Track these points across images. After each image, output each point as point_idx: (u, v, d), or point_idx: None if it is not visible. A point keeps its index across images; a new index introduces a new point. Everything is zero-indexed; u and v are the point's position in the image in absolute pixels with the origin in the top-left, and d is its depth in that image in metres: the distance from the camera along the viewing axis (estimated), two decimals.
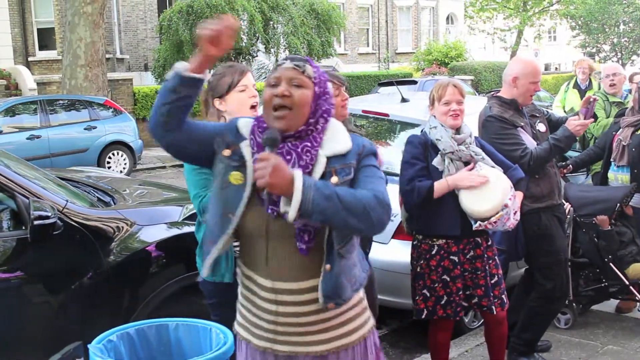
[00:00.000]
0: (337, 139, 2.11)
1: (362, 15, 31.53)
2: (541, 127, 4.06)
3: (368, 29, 31.84)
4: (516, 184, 3.53)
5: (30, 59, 20.72)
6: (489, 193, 3.34)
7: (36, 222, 3.07)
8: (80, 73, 14.49)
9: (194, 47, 18.95)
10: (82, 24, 14.32)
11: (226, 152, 2.07)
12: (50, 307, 3.30)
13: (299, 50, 19.95)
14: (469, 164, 3.46)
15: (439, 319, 3.54)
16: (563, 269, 4.07)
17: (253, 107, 2.99)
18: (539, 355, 4.14)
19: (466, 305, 3.54)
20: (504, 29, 33.94)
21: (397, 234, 4.45)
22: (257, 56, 20.91)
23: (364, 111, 5.48)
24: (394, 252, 4.45)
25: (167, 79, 2.04)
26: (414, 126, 4.96)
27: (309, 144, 2.05)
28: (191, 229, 3.33)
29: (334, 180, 2.01)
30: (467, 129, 3.53)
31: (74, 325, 3.24)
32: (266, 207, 2.00)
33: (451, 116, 3.47)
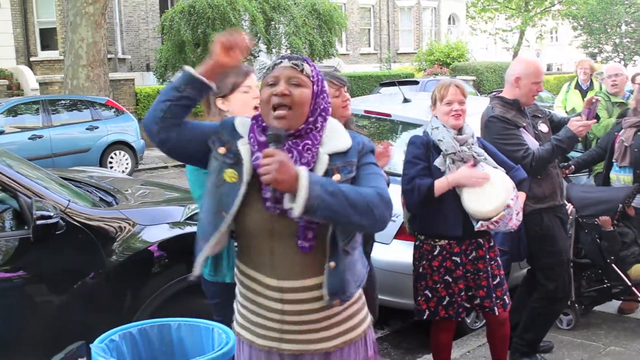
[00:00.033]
0: (337, 137, 2.11)
1: (364, 15, 31.52)
2: (543, 128, 4.06)
3: (370, 29, 31.83)
4: (518, 185, 3.53)
5: (32, 59, 20.74)
6: (491, 193, 3.33)
7: (39, 222, 3.07)
8: (82, 73, 14.52)
9: (195, 48, 19.04)
10: (84, 24, 14.35)
11: (221, 149, 2.06)
12: (53, 306, 3.30)
13: (301, 51, 19.94)
14: None
15: (441, 320, 3.54)
16: (565, 269, 4.07)
17: (256, 108, 2.99)
18: (541, 356, 4.14)
19: (468, 306, 3.54)
20: (506, 29, 33.89)
21: (399, 235, 4.46)
22: (258, 56, 20.89)
23: (366, 111, 5.48)
24: (396, 252, 4.45)
25: (173, 79, 2.06)
26: (415, 126, 4.96)
27: (309, 142, 2.04)
28: (193, 229, 3.33)
29: (337, 178, 2.01)
30: (469, 130, 3.53)
31: (77, 324, 3.24)
32: (271, 204, 1.99)
33: (453, 116, 3.46)
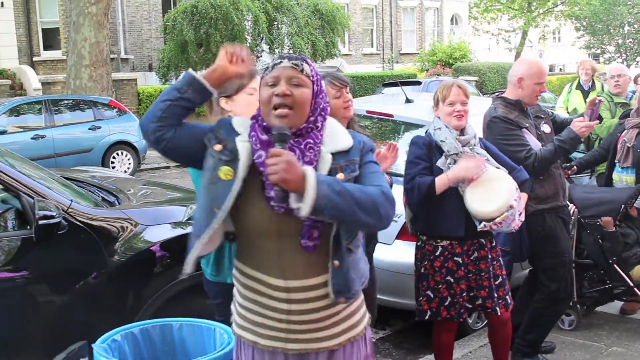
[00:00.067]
0: (337, 136, 2.11)
1: (366, 15, 31.52)
2: (546, 129, 4.05)
3: (372, 30, 31.83)
4: (521, 185, 3.52)
5: (34, 59, 20.77)
6: (494, 194, 3.32)
7: (41, 222, 3.08)
8: (85, 73, 14.53)
9: (198, 48, 19.06)
10: (87, 24, 14.37)
11: (217, 147, 2.05)
12: (55, 306, 3.30)
13: (303, 51, 19.95)
14: None
15: (442, 320, 3.53)
16: (567, 270, 4.06)
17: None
18: (543, 356, 4.13)
19: (470, 306, 3.54)
20: (509, 29, 33.88)
21: (401, 235, 4.46)
22: (261, 56, 20.91)
23: (368, 112, 5.48)
24: (398, 252, 4.45)
25: (176, 82, 2.09)
26: (418, 127, 4.96)
27: (311, 141, 2.04)
28: None
29: (340, 176, 2.01)
30: (471, 130, 3.53)
31: (79, 324, 3.24)
32: (275, 203, 1.98)
33: (455, 117, 3.46)
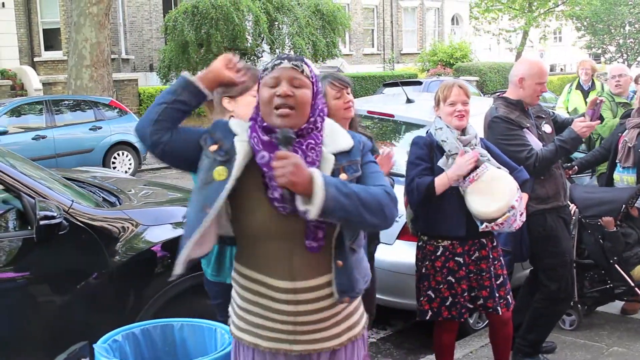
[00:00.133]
0: (337, 136, 2.12)
1: (367, 16, 31.53)
2: (547, 129, 4.05)
3: (373, 30, 31.84)
4: (521, 186, 3.52)
5: (35, 59, 20.80)
6: (495, 194, 3.32)
7: (42, 222, 3.08)
8: (86, 73, 14.54)
9: (199, 48, 19.06)
10: (88, 25, 14.37)
11: (212, 147, 2.04)
12: (56, 307, 3.30)
13: (304, 51, 19.95)
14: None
15: (443, 320, 3.53)
16: (568, 270, 4.06)
17: None
18: (543, 356, 4.13)
19: (471, 307, 3.53)
20: (509, 29, 33.85)
21: (402, 235, 4.45)
22: (262, 57, 20.91)
23: (369, 112, 5.48)
24: (399, 253, 4.45)
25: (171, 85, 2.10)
26: (419, 127, 4.96)
27: (312, 141, 2.04)
28: None
29: (343, 177, 2.02)
30: (472, 130, 3.52)
31: (80, 325, 3.24)
32: (280, 204, 1.98)
33: (456, 117, 3.46)
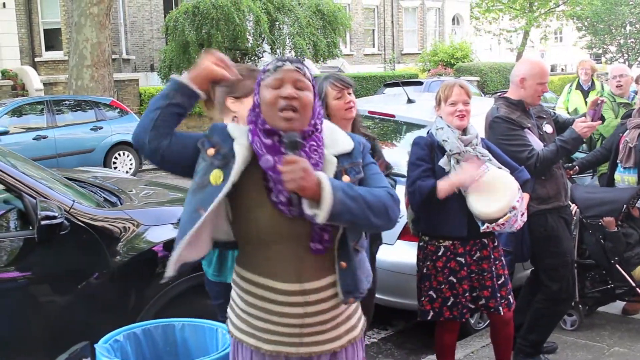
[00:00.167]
0: (337, 138, 2.11)
1: (368, 16, 31.53)
2: (548, 129, 4.05)
3: (374, 30, 31.83)
4: (522, 186, 3.52)
5: (36, 59, 20.81)
6: (496, 195, 3.32)
7: (43, 222, 3.08)
8: (87, 73, 14.55)
9: (200, 48, 19.05)
10: (89, 25, 14.38)
11: (210, 151, 2.04)
12: (57, 307, 3.30)
13: (305, 51, 19.95)
14: None
15: (445, 321, 3.53)
16: (569, 270, 4.06)
17: None
18: (545, 356, 4.13)
19: (473, 307, 3.53)
20: (510, 30, 33.85)
21: (403, 235, 4.45)
22: (262, 57, 20.90)
23: (370, 112, 5.47)
24: (400, 253, 4.45)
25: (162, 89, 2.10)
26: (420, 127, 4.96)
27: (314, 143, 2.04)
28: None
29: (346, 179, 2.02)
30: (473, 130, 3.52)
31: (81, 325, 3.24)
32: (285, 207, 1.98)
33: (457, 117, 3.46)
